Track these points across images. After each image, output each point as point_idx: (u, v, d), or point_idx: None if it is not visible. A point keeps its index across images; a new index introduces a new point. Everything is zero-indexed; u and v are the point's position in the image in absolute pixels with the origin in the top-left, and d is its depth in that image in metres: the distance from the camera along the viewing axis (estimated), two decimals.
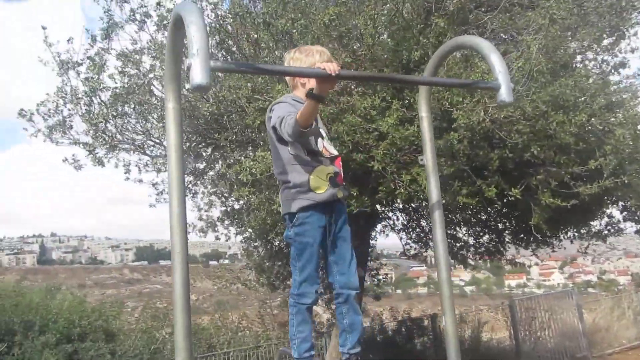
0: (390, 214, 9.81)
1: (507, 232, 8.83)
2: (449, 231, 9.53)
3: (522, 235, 8.41)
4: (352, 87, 5.21)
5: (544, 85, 4.29)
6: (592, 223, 7.63)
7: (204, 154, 6.91)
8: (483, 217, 8.87)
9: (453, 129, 4.80)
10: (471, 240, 9.48)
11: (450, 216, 9.06)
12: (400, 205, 9.09)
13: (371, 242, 9.57)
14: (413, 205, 8.87)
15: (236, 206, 7.69)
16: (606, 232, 7.66)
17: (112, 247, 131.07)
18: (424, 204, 8.76)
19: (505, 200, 6.05)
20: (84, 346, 7.41)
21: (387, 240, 10.78)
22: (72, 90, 5.77)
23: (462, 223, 9.37)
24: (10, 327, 7.32)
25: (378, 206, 8.36)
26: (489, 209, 8.20)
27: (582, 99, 4.75)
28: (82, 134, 6.05)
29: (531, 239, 8.26)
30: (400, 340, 10.73)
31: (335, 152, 2.89)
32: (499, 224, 8.84)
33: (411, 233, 10.08)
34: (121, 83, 5.97)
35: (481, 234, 9.30)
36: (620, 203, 7.11)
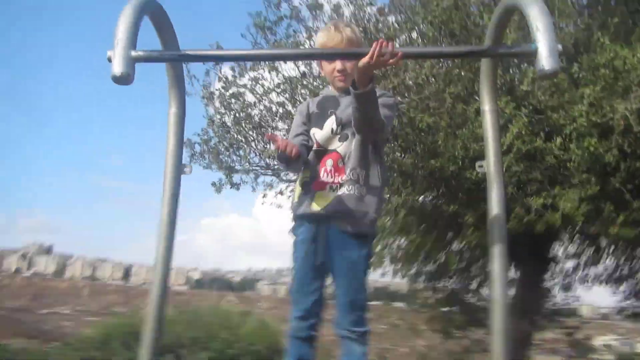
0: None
1: None
2: None
3: None
4: (466, 91, 4.34)
5: None
6: None
7: None
8: None
9: (596, 133, 3.55)
10: None
11: None
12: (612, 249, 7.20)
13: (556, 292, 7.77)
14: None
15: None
16: None
17: None
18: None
19: None
20: None
21: None
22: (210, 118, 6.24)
23: None
24: (182, 340, 8.05)
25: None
26: None
27: None
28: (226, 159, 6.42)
29: None
30: None
31: (328, 145, 2.22)
32: None
33: (624, 283, 7.89)
34: (258, 110, 6.22)
35: None
36: None
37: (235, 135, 6.29)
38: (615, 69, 3.06)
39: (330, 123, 2.21)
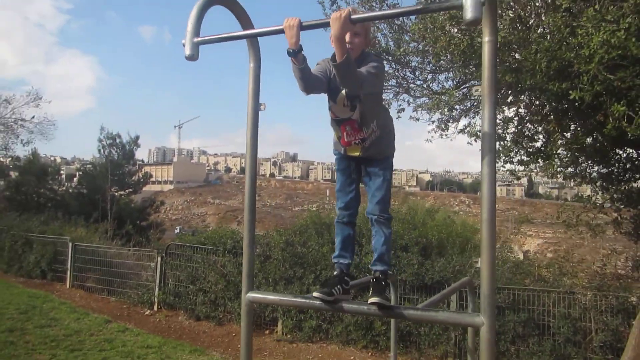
0: None
1: None
2: None
3: None
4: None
5: None
6: None
7: None
8: None
9: None
10: None
11: None
12: None
13: None
14: None
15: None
16: None
17: None
18: None
19: None
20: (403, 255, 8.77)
21: None
22: None
23: None
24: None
25: None
26: None
27: None
28: None
29: None
30: None
31: (342, 115, 3.00)
32: None
33: None
34: None
35: None
36: None
37: None
38: None
39: (342, 99, 2.92)
